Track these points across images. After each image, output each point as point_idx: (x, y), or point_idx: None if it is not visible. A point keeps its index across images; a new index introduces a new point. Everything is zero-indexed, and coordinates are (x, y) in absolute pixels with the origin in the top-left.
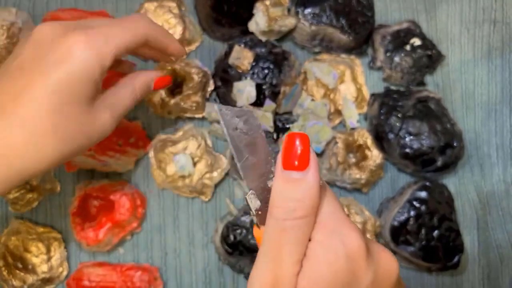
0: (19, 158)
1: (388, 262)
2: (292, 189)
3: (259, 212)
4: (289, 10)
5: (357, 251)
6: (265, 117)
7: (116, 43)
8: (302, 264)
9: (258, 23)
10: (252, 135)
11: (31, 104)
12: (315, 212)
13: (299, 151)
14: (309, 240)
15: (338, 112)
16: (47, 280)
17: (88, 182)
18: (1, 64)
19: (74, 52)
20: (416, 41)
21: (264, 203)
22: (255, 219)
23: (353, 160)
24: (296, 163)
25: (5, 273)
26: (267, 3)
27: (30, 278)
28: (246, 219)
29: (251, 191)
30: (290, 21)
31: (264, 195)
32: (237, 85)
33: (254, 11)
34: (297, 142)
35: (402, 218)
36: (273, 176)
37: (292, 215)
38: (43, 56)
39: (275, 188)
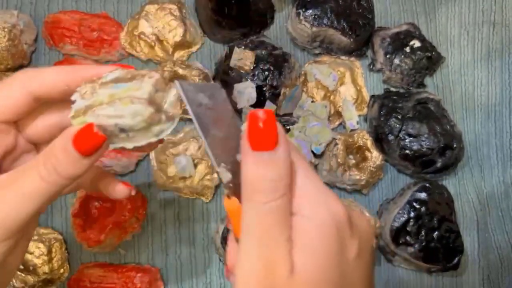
0: None
1: (366, 224)
2: (267, 170)
3: (230, 185)
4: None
5: (344, 220)
6: None
7: None
8: (293, 241)
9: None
10: (218, 110)
11: None
12: (290, 187)
13: (265, 129)
14: (294, 214)
15: (338, 114)
16: (48, 281)
17: None
18: (0, 66)
19: None
20: (416, 43)
21: (234, 176)
22: (226, 191)
23: (353, 161)
24: (265, 141)
25: None
26: None
27: (32, 279)
28: None
29: (222, 164)
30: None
31: (234, 168)
32: (238, 87)
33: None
34: (262, 119)
35: (402, 219)
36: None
37: (274, 196)
38: None
39: (249, 172)
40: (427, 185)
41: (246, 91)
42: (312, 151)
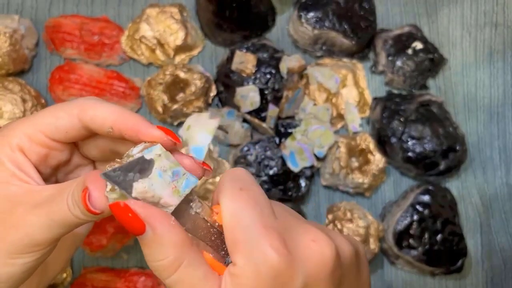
0: None
1: (317, 253)
2: (151, 252)
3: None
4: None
5: (279, 266)
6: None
7: None
8: None
9: None
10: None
11: None
12: (186, 252)
13: (128, 217)
14: (232, 263)
15: (340, 116)
16: (51, 286)
17: None
18: (1, 71)
19: None
20: (418, 45)
21: (192, 230)
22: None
23: (355, 164)
24: (132, 228)
25: None
26: None
27: None
28: None
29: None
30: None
31: (191, 222)
32: (241, 91)
33: None
34: (121, 209)
35: (405, 222)
36: (193, 203)
37: (166, 274)
38: None
39: (143, 253)
40: (430, 187)
41: (249, 95)
42: (315, 154)
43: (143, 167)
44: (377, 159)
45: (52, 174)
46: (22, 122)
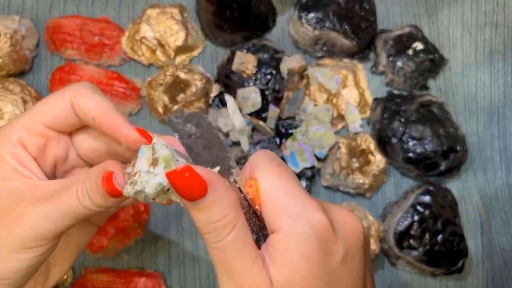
0: None
1: (352, 225)
2: (209, 215)
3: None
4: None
5: (325, 228)
6: None
7: None
8: (273, 258)
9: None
10: (206, 137)
11: None
12: (240, 212)
13: (188, 183)
14: (273, 231)
15: (341, 117)
16: (52, 287)
17: None
18: (2, 72)
19: None
20: (418, 45)
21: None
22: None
23: (356, 165)
24: (194, 193)
25: None
26: None
27: None
28: None
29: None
30: None
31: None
32: (242, 92)
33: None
34: (183, 174)
35: (406, 222)
36: (234, 170)
37: (223, 234)
38: None
39: (195, 219)
40: (431, 188)
41: (250, 96)
42: (315, 155)
43: (199, 121)
44: (378, 160)
45: (51, 173)
46: (21, 116)
